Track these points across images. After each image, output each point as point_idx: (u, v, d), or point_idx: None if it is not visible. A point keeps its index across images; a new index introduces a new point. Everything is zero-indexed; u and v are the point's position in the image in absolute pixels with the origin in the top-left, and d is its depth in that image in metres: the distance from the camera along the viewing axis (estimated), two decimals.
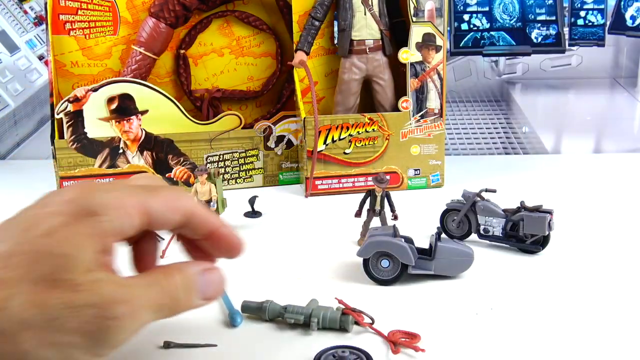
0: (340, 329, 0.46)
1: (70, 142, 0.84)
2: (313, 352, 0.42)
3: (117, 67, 0.91)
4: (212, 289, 0.36)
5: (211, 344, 0.44)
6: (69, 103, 0.83)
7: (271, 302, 0.47)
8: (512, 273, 0.57)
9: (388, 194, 0.65)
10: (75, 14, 0.88)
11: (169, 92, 0.91)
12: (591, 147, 1.17)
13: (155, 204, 0.34)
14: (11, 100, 1.15)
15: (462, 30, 1.14)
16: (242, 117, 0.90)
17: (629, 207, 0.79)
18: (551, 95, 1.18)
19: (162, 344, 0.44)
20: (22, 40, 1.13)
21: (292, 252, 0.64)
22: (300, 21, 0.88)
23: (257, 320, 0.48)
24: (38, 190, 1.00)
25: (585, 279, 0.56)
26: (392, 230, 0.56)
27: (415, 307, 0.50)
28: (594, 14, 1.14)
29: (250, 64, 0.96)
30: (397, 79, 0.89)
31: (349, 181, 0.88)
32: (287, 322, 0.46)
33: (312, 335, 0.46)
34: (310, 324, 0.45)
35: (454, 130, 1.18)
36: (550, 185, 0.92)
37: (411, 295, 0.52)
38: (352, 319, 0.46)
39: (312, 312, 0.46)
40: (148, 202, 0.33)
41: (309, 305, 0.47)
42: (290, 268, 0.59)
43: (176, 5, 0.88)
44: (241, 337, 0.46)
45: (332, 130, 0.86)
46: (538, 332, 0.45)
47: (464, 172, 0.99)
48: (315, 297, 0.49)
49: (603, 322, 0.47)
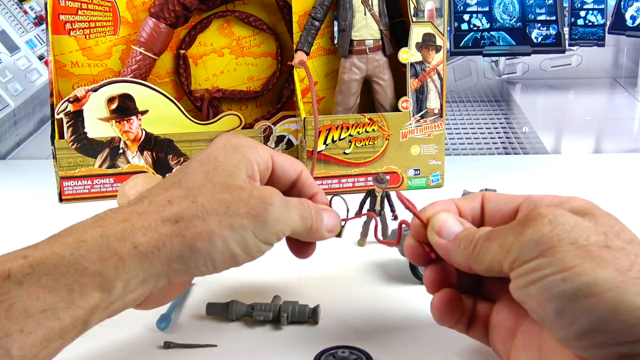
0: (309, 320, 0.47)
1: (70, 142, 0.84)
2: (313, 352, 0.42)
3: (117, 67, 0.91)
4: (332, 222, 0.43)
5: (211, 344, 0.44)
6: (69, 103, 0.84)
7: (237, 302, 0.48)
8: None
9: (388, 194, 0.65)
10: (76, 14, 0.88)
11: (169, 92, 0.91)
12: (591, 147, 1.17)
13: (279, 157, 0.43)
14: (11, 100, 1.15)
15: (462, 30, 1.14)
16: (242, 117, 0.90)
17: (629, 207, 0.79)
18: (551, 95, 1.18)
19: (162, 344, 0.44)
20: (22, 40, 1.13)
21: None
22: (300, 21, 0.88)
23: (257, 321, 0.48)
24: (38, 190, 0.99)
25: None
26: None
27: (415, 308, 0.50)
28: (594, 14, 1.14)
29: (250, 64, 0.96)
30: (397, 79, 0.89)
31: (349, 181, 0.88)
32: (256, 319, 0.47)
33: (312, 335, 0.46)
34: (280, 319, 0.46)
35: (454, 130, 1.18)
36: (550, 185, 0.92)
37: (411, 295, 0.52)
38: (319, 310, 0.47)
39: (280, 307, 0.47)
40: (274, 153, 0.43)
41: (274, 301, 0.49)
42: (290, 268, 0.59)
43: (176, 6, 0.88)
44: (241, 337, 0.46)
45: (332, 130, 0.86)
46: None
47: (464, 172, 0.99)
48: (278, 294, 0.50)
49: None
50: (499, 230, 0.34)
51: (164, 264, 0.35)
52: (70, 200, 0.85)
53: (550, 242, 0.30)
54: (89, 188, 0.85)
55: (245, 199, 0.37)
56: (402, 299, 0.52)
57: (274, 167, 0.43)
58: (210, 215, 0.36)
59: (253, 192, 0.38)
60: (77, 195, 0.85)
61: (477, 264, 0.35)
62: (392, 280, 0.56)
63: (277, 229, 0.38)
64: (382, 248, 0.65)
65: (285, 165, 0.43)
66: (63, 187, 0.84)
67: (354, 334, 0.46)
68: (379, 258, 0.61)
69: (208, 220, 0.36)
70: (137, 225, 0.35)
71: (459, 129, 1.18)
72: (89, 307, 0.32)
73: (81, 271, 0.32)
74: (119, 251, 0.33)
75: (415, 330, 0.46)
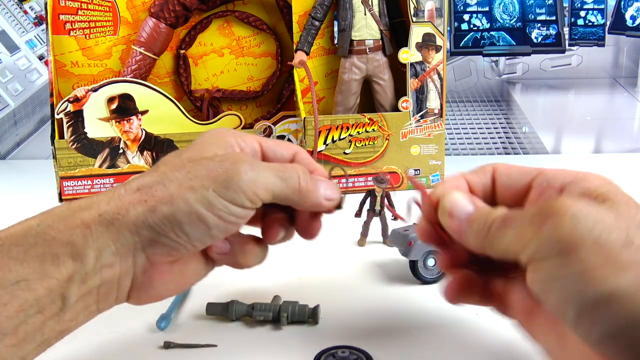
0: (308, 320, 0.47)
1: (70, 142, 0.84)
2: (313, 352, 0.42)
3: (117, 67, 0.91)
4: (330, 190, 0.41)
5: (211, 344, 0.44)
6: (69, 103, 0.84)
7: (237, 302, 0.48)
8: None
9: (388, 194, 0.65)
10: (76, 14, 0.88)
11: (169, 92, 0.91)
12: (591, 147, 1.17)
13: (269, 141, 0.42)
14: (11, 100, 1.15)
15: (462, 30, 1.14)
16: (242, 117, 0.90)
17: None
18: (551, 95, 1.18)
19: (162, 344, 0.44)
20: (22, 40, 1.13)
21: (292, 252, 0.64)
22: (300, 21, 0.88)
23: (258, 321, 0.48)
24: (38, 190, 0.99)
25: None
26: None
27: (415, 308, 0.50)
28: (594, 14, 1.14)
29: (250, 64, 0.96)
30: (397, 79, 0.89)
31: (349, 181, 0.88)
32: (256, 319, 0.47)
33: (312, 335, 0.46)
34: (280, 319, 0.46)
35: (454, 130, 1.18)
36: None
37: (411, 295, 0.52)
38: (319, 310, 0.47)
39: (280, 307, 0.47)
40: (262, 139, 0.42)
41: (274, 301, 0.49)
42: (290, 268, 0.59)
43: (176, 5, 0.88)
44: (241, 337, 0.46)
45: (332, 130, 0.86)
46: None
47: None
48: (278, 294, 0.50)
49: None
50: (516, 217, 0.32)
51: (132, 232, 0.35)
52: (70, 200, 0.85)
53: (572, 241, 0.29)
54: (89, 188, 0.85)
55: (205, 164, 0.37)
56: (402, 299, 0.52)
57: (263, 151, 0.42)
58: (170, 180, 0.36)
59: (216, 157, 0.37)
60: (77, 195, 0.85)
61: (491, 248, 0.33)
62: (392, 280, 0.56)
63: (244, 188, 0.36)
64: (382, 248, 0.65)
65: (277, 148, 0.42)
66: (63, 187, 0.84)
67: (354, 334, 0.46)
68: (379, 258, 0.61)
69: (169, 185, 0.36)
70: (102, 197, 0.36)
71: (459, 129, 1.18)
72: (62, 277, 0.32)
73: (49, 241, 0.32)
74: (85, 219, 0.34)
75: (415, 330, 0.46)
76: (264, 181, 0.37)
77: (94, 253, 0.33)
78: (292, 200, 0.39)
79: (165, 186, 0.36)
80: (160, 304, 0.51)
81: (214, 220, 0.36)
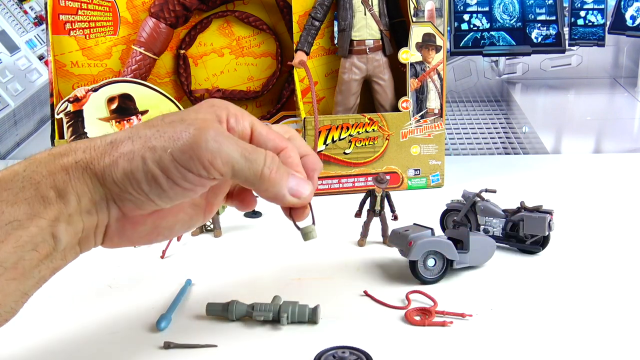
0: (309, 321, 0.47)
1: (70, 142, 0.84)
2: (313, 352, 0.42)
3: (117, 67, 0.91)
4: (300, 188, 0.40)
5: (211, 344, 0.44)
6: (69, 103, 0.84)
7: (237, 302, 0.48)
8: (512, 273, 0.57)
9: (388, 194, 0.65)
10: (75, 14, 0.88)
11: (169, 92, 0.91)
12: (591, 147, 1.17)
13: (261, 128, 0.41)
14: (11, 100, 1.15)
15: (462, 30, 1.14)
16: None
17: (629, 207, 0.79)
18: (551, 95, 1.18)
19: (162, 344, 0.44)
20: (22, 40, 1.13)
21: (292, 252, 0.64)
22: (300, 21, 0.88)
23: (258, 321, 0.48)
24: None
25: (585, 279, 0.56)
26: (421, 228, 0.57)
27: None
28: (594, 14, 1.14)
29: (250, 64, 0.96)
30: (397, 79, 0.89)
31: (349, 181, 0.88)
32: (256, 319, 0.47)
33: (312, 335, 0.46)
34: (279, 319, 0.46)
35: (454, 130, 1.18)
36: (550, 185, 0.92)
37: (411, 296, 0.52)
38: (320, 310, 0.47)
39: (280, 308, 0.47)
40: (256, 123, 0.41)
41: (274, 301, 0.48)
42: (291, 268, 0.59)
43: (176, 6, 0.88)
44: (241, 337, 0.46)
45: (332, 130, 0.86)
46: (538, 333, 0.45)
47: (464, 172, 0.99)
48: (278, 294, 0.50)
49: (603, 322, 0.47)
50: None
51: (102, 184, 0.36)
52: None
53: None
54: None
55: (175, 126, 0.36)
56: (402, 299, 0.52)
57: (253, 136, 0.41)
58: (140, 137, 0.36)
59: (188, 119, 0.37)
60: None
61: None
62: (392, 280, 0.56)
63: (202, 156, 0.35)
64: (382, 248, 0.65)
65: (269, 136, 0.41)
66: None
67: (354, 334, 0.46)
68: (379, 258, 0.62)
69: (136, 141, 0.36)
70: (80, 144, 0.37)
71: (459, 129, 1.18)
72: (50, 217, 0.35)
73: (35, 185, 0.35)
74: (64, 164, 0.36)
75: (415, 330, 0.46)
76: (225, 155, 0.36)
77: (74, 197, 0.36)
78: (252, 184, 0.38)
79: (133, 142, 0.36)
80: (160, 304, 0.51)
81: (166, 183, 0.36)
